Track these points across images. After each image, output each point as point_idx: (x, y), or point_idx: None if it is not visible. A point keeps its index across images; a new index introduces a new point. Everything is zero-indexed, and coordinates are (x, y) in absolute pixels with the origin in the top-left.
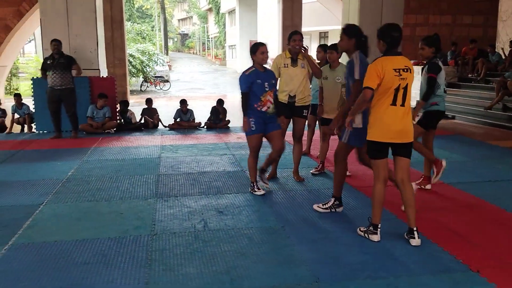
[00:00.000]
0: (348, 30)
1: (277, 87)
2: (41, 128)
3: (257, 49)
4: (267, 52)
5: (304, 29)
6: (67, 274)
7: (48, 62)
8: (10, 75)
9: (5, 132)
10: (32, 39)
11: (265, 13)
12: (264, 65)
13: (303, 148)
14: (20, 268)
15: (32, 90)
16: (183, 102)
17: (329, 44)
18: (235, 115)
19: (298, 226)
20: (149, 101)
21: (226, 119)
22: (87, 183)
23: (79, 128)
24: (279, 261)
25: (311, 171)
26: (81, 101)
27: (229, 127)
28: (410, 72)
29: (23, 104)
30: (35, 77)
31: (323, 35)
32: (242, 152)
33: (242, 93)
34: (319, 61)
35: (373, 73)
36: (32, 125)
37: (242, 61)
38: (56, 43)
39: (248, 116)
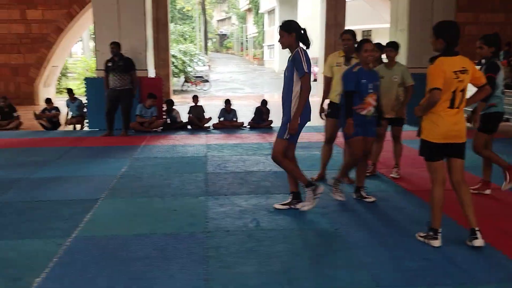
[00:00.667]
0: (286, 26)
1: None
2: (93, 126)
3: (362, 47)
4: (372, 49)
5: (346, 27)
6: (129, 267)
7: (109, 64)
8: (60, 75)
9: (60, 128)
10: (80, 40)
11: (306, 12)
12: (367, 64)
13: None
14: (85, 259)
15: (85, 90)
16: (227, 102)
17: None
18: (276, 115)
19: (353, 229)
20: (195, 98)
21: (269, 119)
22: (140, 179)
23: (129, 127)
24: (336, 264)
25: None
26: None
27: (271, 127)
28: (467, 74)
29: (76, 98)
30: (88, 77)
31: (366, 33)
32: None
33: (347, 92)
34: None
35: (439, 73)
36: (85, 122)
37: (281, 61)
38: (113, 46)
39: (348, 118)
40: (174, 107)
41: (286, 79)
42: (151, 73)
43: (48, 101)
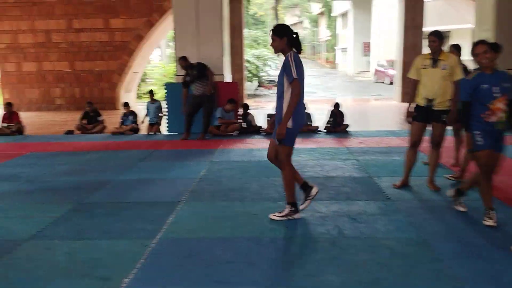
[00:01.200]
0: (278, 30)
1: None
2: (172, 130)
3: (473, 50)
4: (484, 52)
5: (425, 28)
6: (214, 271)
7: (187, 79)
8: (139, 81)
9: (144, 133)
10: (158, 47)
11: (381, 14)
12: (488, 67)
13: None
14: (170, 262)
15: (166, 94)
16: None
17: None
18: (352, 119)
19: (442, 239)
20: (337, 105)
21: (344, 123)
22: (219, 183)
23: (207, 131)
24: (429, 276)
25: (446, 176)
26: None
27: (347, 131)
28: None
29: (156, 100)
30: (168, 83)
31: (445, 35)
32: (366, 158)
33: (463, 103)
34: None
35: None
36: (159, 127)
37: (354, 64)
38: (181, 61)
39: (472, 129)
40: (248, 111)
41: (278, 84)
42: (228, 77)
43: (126, 104)
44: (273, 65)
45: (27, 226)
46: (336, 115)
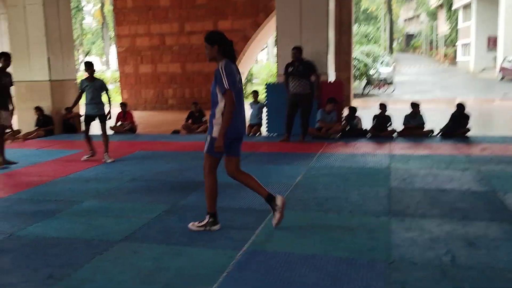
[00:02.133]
0: (208, 38)
1: None
2: (271, 131)
3: None
4: None
5: None
6: None
7: (289, 69)
8: (245, 81)
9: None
10: (265, 47)
11: (509, 6)
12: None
13: None
14: (254, 277)
15: (266, 95)
16: (415, 106)
17: None
18: (474, 122)
19: None
20: (383, 106)
21: (467, 126)
22: (315, 190)
23: (307, 133)
24: None
25: None
26: None
27: (467, 136)
28: None
29: (258, 101)
30: (269, 83)
31: None
32: (489, 168)
33: None
34: None
35: None
36: (263, 128)
37: (477, 60)
38: (294, 51)
39: None
40: (356, 114)
41: (211, 94)
42: (332, 76)
43: None
44: (384, 62)
45: (121, 226)
46: (458, 117)
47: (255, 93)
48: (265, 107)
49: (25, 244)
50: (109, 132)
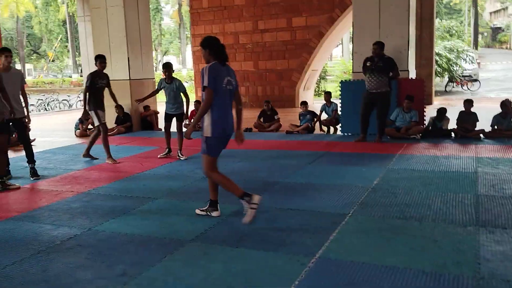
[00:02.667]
0: (202, 42)
1: None
2: (346, 130)
3: None
4: None
5: None
6: None
7: (367, 64)
8: (319, 78)
9: (319, 133)
10: (340, 44)
11: None
12: None
13: None
14: None
15: (340, 93)
16: (504, 104)
17: None
18: None
19: None
20: (468, 103)
21: None
22: (394, 195)
23: (384, 133)
24: None
25: None
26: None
27: None
28: None
29: (332, 102)
30: (343, 80)
31: None
32: None
33: None
34: None
35: None
36: (338, 127)
37: None
38: (375, 46)
39: None
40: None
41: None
42: (412, 73)
43: (303, 103)
44: (468, 58)
45: (193, 225)
46: None
47: (328, 94)
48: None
49: (101, 240)
50: (184, 129)
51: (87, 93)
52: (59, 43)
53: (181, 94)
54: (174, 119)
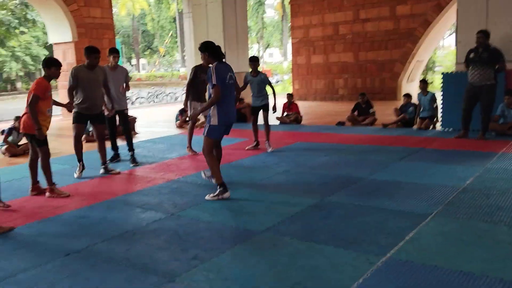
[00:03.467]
0: (200, 47)
1: None
2: (446, 125)
3: None
4: None
5: None
6: None
7: (471, 55)
8: (425, 69)
9: (414, 127)
10: (452, 33)
11: None
12: None
13: None
14: None
15: (442, 85)
16: None
17: None
18: None
19: None
20: None
21: None
22: (486, 197)
23: (488, 129)
24: None
25: None
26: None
27: None
28: None
29: (429, 92)
30: (445, 72)
31: None
32: None
33: None
34: None
35: None
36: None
37: None
38: (479, 35)
39: None
40: None
41: (207, 89)
42: None
43: (407, 95)
44: None
45: (267, 217)
46: None
47: (423, 82)
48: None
49: (180, 225)
50: (276, 122)
51: (189, 85)
52: (170, 39)
53: (267, 86)
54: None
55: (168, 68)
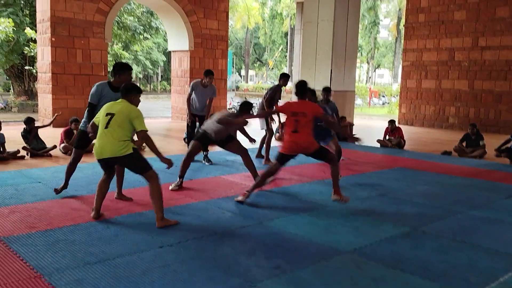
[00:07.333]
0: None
1: None
2: None
3: None
4: None
5: None
6: None
7: None
8: None
9: None
10: None
11: None
12: None
13: None
14: None
15: None
16: None
17: None
18: None
19: None
20: None
21: None
22: None
23: None
24: None
25: None
26: None
27: None
28: None
29: None
30: None
31: None
32: None
33: None
34: None
35: None
36: None
37: None
38: None
39: None
40: None
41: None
42: None
43: None
44: None
45: (355, 238)
46: None
47: None
48: None
49: (267, 234)
50: (376, 145)
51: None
52: (279, 53)
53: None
54: None
55: (274, 81)
